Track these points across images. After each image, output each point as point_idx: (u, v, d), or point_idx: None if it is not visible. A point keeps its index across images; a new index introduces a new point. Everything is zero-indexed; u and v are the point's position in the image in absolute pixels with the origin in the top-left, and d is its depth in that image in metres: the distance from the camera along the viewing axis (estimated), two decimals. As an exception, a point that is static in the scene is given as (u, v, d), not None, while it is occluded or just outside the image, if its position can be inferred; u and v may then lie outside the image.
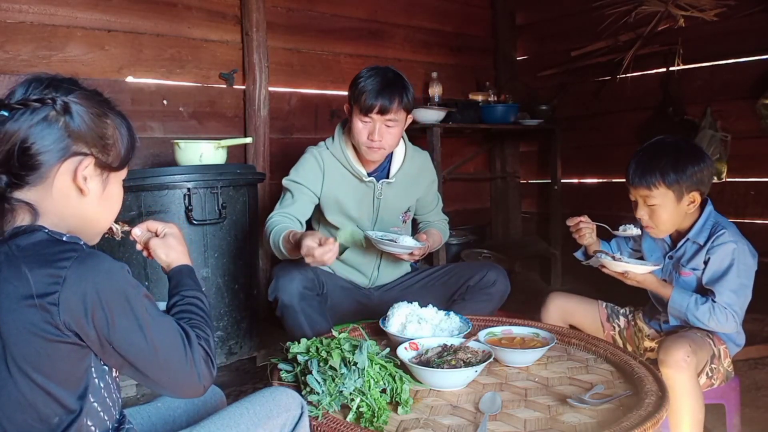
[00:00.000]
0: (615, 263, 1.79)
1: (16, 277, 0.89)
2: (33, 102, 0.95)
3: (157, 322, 0.98)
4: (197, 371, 1.00)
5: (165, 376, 0.99)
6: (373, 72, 2.05)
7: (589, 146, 4.02)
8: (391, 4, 3.81)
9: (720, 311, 1.70)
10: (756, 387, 2.37)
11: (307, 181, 2.13)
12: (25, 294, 0.88)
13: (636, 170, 1.79)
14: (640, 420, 1.20)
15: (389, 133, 2.04)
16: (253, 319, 2.65)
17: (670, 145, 1.81)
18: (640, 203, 1.81)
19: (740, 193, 3.32)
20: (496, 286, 2.13)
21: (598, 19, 3.58)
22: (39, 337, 0.89)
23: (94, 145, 1.00)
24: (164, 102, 2.96)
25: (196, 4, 3.02)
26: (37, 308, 0.88)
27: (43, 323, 0.88)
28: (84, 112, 0.99)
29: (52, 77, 0.99)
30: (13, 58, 2.54)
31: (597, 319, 2.03)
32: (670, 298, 1.76)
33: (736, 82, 3.28)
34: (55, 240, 0.94)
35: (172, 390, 1.02)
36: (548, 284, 4.09)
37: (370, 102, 1.99)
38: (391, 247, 2.00)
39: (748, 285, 1.76)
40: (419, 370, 1.42)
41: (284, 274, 1.96)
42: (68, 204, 0.99)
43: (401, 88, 2.03)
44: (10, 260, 0.91)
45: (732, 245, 1.73)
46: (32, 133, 0.94)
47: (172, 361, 0.98)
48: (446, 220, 2.46)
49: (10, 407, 0.91)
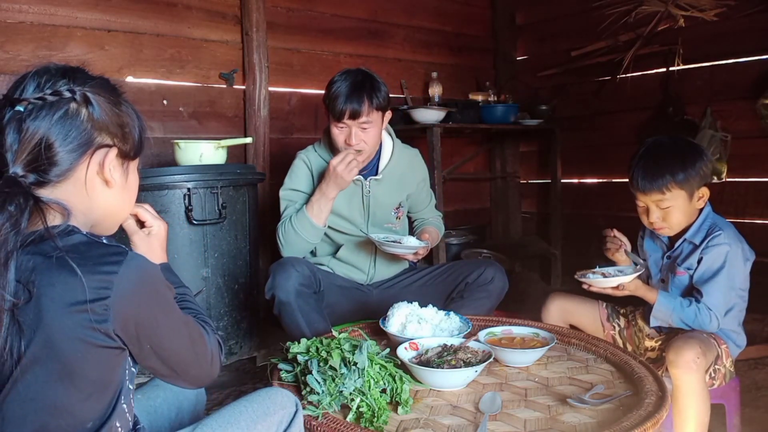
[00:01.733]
0: (604, 280, 1.79)
1: (64, 281, 0.85)
2: (50, 96, 0.91)
3: (187, 321, 1.02)
4: (216, 363, 1.06)
5: (192, 369, 1.03)
6: (343, 76, 2.06)
7: (589, 146, 4.02)
8: (391, 4, 3.81)
9: (705, 312, 1.71)
10: (756, 387, 2.37)
11: (301, 186, 2.17)
12: (75, 300, 0.84)
13: (645, 176, 1.77)
14: (640, 420, 1.20)
15: (366, 135, 2.07)
16: (253, 319, 2.65)
17: (670, 145, 1.81)
18: (652, 208, 1.80)
19: (740, 193, 3.31)
20: (494, 282, 2.14)
21: (598, 19, 3.58)
22: (86, 342, 0.86)
23: (115, 135, 0.98)
24: (164, 102, 2.95)
25: (196, 4, 3.01)
26: (87, 314, 0.85)
27: (91, 329, 0.86)
28: (103, 102, 0.96)
29: (62, 68, 0.96)
30: (13, 58, 2.54)
31: (597, 318, 2.03)
32: (656, 302, 1.78)
33: (736, 82, 3.27)
34: (96, 242, 0.91)
35: (191, 383, 1.06)
36: (548, 284, 4.08)
37: (341, 108, 2.01)
38: (395, 249, 2.01)
39: (736, 287, 1.76)
40: (419, 370, 1.42)
41: (281, 272, 1.97)
42: (93, 197, 0.97)
43: (370, 89, 2.03)
44: (51, 263, 0.85)
45: (725, 247, 1.73)
46: (56, 128, 0.91)
47: (199, 356, 1.03)
48: (440, 216, 2.48)
49: (45, 413, 0.87)
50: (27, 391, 0.86)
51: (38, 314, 0.84)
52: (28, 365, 0.85)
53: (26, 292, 0.84)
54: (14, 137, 0.89)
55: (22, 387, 0.86)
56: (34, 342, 0.85)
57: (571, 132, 3.98)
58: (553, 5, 4.12)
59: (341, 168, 1.97)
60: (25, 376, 0.86)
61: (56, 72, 0.94)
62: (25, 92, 0.92)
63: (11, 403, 0.87)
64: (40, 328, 0.84)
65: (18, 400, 0.87)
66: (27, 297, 0.84)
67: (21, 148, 0.89)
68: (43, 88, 0.92)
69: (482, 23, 4.36)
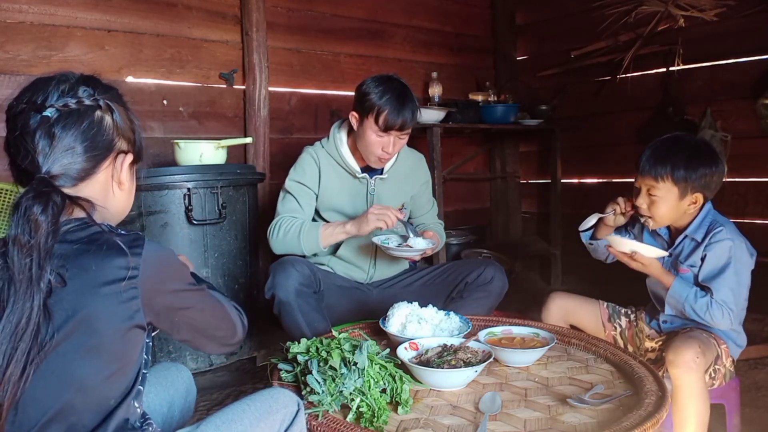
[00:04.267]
0: (623, 241, 1.78)
1: (98, 263, 0.92)
2: (75, 104, 0.99)
3: (204, 290, 1.11)
4: (239, 325, 1.17)
5: (219, 332, 1.14)
6: (384, 86, 2.03)
7: (589, 146, 4.02)
8: (391, 4, 3.81)
9: (717, 307, 1.70)
10: (756, 387, 2.37)
11: (306, 180, 2.15)
12: (109, 279, 0.92)
13: (649, 158, 1.78)
14: (640, 420, 1.20)
15: (401, 144, 2.11)
16: (253, 320, 2.63)
17: (689, 143, 1.81)
18: (642, 191, 1.80)
19: (740, 193, 3.31)
20: (494, 282, 2.14)
21: (598, 19, 3.57)
22: (118, 320, 0.94)
23: (129, 141, 1.07)
24: (164, 102, 2.96)
25: (196, 4, 3.02)
26: (119, 294, 0.93)
27: (124, 307, 0.94)
28: (122, 110, 1.05)
29: (80, 76, 1.03)
30: (13, 58, 2.54)
31: (598, 319, 2.03)
32: (671, 287, 1.76)
33: (736, 82, 3.27)
34: (116, 232, 0.98)
35: (222, 343, 1.16)
36: (548, 284, 4.09)
37: (393, 121, 2.01)
38: (403, 252, 2.02)
39: (745, 284, 1.76)
40: (419, 370, 1.42)
41: (281, 271, 1.97)
42: (107, 197, 1.05)
43: (413, 101, 2.06)
44: (83, 250, 0.93)
45: (729, 242, 1.73)
46: (84, 134, 0.99)
47: (224, 320, 1.14)
48: (442, 224, 2.47)
49: (71, 390, 0.92)
50: (54, 369, 0.91)
51: (72, 296, 0.91)
52: (57, 344, 0.90)
53: (59, 277, 0.91)
54: (45, 142, 0.97)
55: (48, 366, 0.90)
56: (67, 323, 0.90)
57: (571, 132, 3.98)
58: (553, 5, 4.12)
59: (372, 217, 1.96)
60: (52, 355, 0.91)
61: (77, 81, 1.02)
62: (50, 99, 0.99)
63: (37, 381, 0.90)
64: (74, 310, 0.91)
65: (44, 378, 0.91)
66: (61, 283, 0.91)
67: (52, 151, 0.97)
68: (66, 95, 0.99)
69: (482, 23, 4.36)
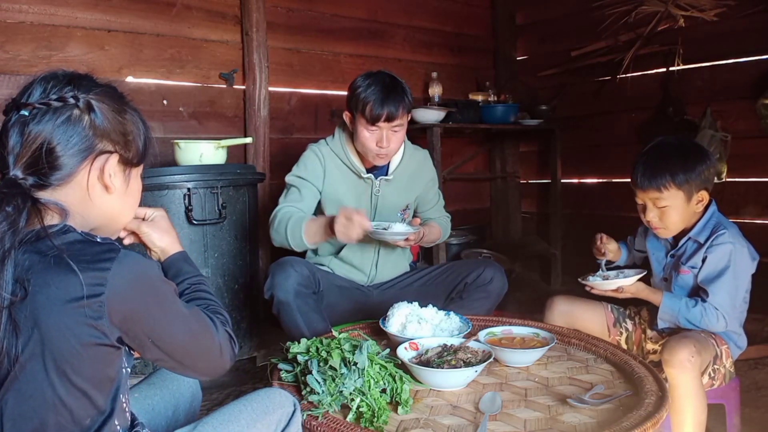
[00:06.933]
0: (603, 282, 1.80)
1: (59, 279, 0.86)
2: (55, 101, 0.94)
3: (191, 313, 1.03)
4: (227, 354, 1.07)
5: (200, 362, 1.05)
6: (371, 80, 2.06)
7: (589, 146, 4.02)
8: (391, 4, 3.81)
9: (711, 312, 1.71)
10: (756, 387, 2.37)
11: (309, 176, 2.14)
12: (70, 297, 0.86)
13: (644, 173, 1.78)
14: (640, 420, 1.20)
15: (396, 137, 2.09)
16: (253, 320, 2.65)
17: (675, 145, 1.81)
18: (649, 206, 1.80)
19: (740, 193, 3.31)
20: (494, 283, 2.14)
21: (598, 19, 3.58)
22: (81, 339, 0.88)
23: (117, 142, 1.00)
24: (164, 102, 2.96)
25: (196, 4, 3.02)
26: (83, 310, 0.87)
27: (86, 326, 0.88)
28: (106, 110, 0.98)
29: (69, 74, 0.98)
30: (13, 58, 2.54)
31: (603, 323, 2.00)
32: (661, 305, 1.78)
33: (736, 82, 3.27)
34: (90, 241, 0.93)
35: (203, 373, 1.09)
36: (548, 284, 4.08)
37: (377, 112, 2.01)
38: (384, 235, 2.00)
39: (743, 288, 1.76)
40: (419, 370, 1.42)
41: (280, 272, 1.97)
42: (93, 202, 0.99)
43: (401, 92, 2.05)
44: (47, 261, 0.87)
45: (729, 246, 1.73)
46: (57, 133, 0.93)
47: (206, 348, 1.04)
48: (448, 217, 2.46)
49: (44, 409, 0.89)
50: (26, 388, 0.88)
51: (34, 311, 0.86)
52: (26, 362, 0.87)
53: (22, 289, 0.86)
54: (17, 140, 0.93)
55: (20, 384, 0.88)
56: (31, 339, 0.86)
57: (571, 132, 3.98)
58: (553, 5, 4.12)
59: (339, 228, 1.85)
60: (23, 373, 0.87)
61: (63, 78, 0.97)
62: (32, 97, 0.95)
63: (10, 400, 0.88)
64: (36, 326, 0.86)
65: (17, 397, 0.88)
66: (23, 294, 0.86)
67: (23, 151, 0.92)
68: (48, 93, 0.95)
69: (482, 23, 4.36)
